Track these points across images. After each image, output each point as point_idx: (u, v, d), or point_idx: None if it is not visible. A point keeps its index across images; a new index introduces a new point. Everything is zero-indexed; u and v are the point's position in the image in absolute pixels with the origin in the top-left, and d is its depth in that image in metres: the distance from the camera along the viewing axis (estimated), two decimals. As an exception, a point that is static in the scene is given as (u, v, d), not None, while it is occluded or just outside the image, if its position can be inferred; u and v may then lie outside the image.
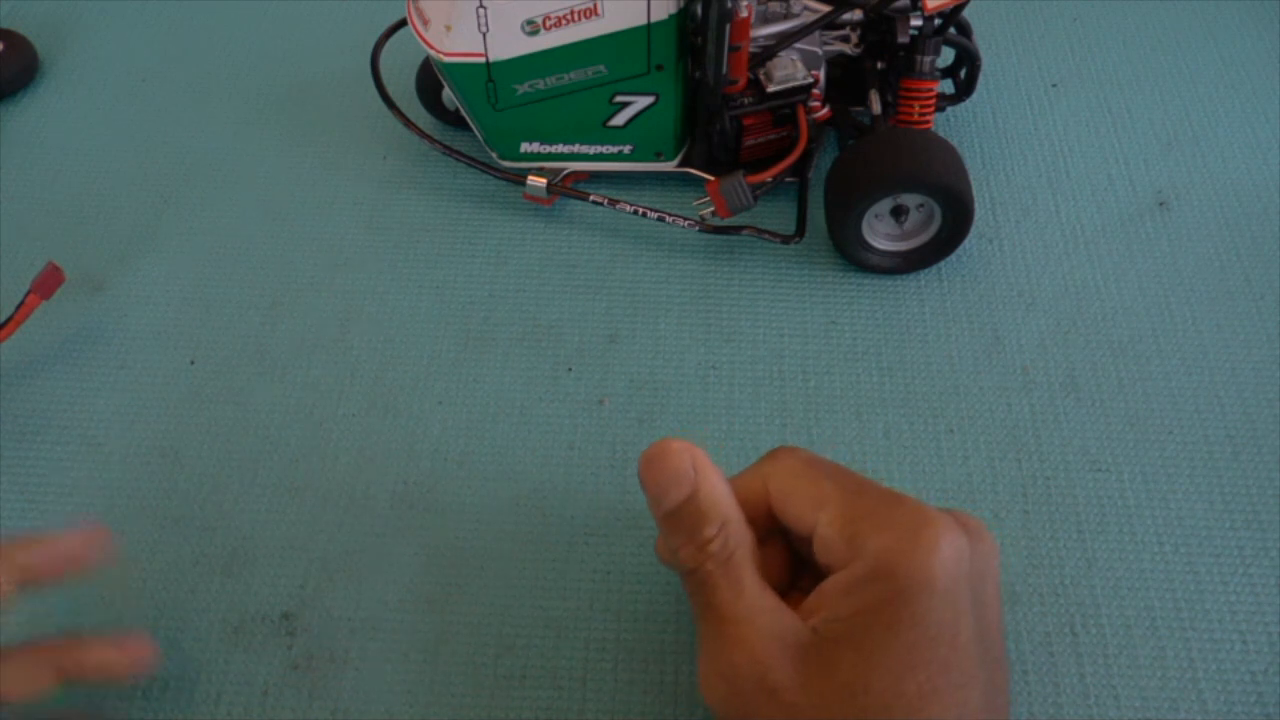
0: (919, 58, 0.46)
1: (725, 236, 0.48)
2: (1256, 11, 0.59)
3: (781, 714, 0.27)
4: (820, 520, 0.29)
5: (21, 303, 0.44)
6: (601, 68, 0.44)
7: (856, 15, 0.47)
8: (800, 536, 0.30)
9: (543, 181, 0.48)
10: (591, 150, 0.49)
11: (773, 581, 0.30)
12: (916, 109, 0.47)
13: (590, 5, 0.42)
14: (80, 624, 0.37)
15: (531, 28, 0.43)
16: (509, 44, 0.44)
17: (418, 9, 0.45)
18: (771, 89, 0.46)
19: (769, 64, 0.46)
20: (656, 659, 0.37)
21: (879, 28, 0.47)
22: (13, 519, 0.40)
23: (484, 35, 0.43)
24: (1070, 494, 0.40)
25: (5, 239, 0.50)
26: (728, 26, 0.42)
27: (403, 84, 0.52)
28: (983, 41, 0.54)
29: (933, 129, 0.48)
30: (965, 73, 0.51)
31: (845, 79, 0.50)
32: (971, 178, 0.44)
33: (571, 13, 0.42)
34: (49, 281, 0.44)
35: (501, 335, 0.46)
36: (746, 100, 0.47)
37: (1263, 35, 0.58)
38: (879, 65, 0.49)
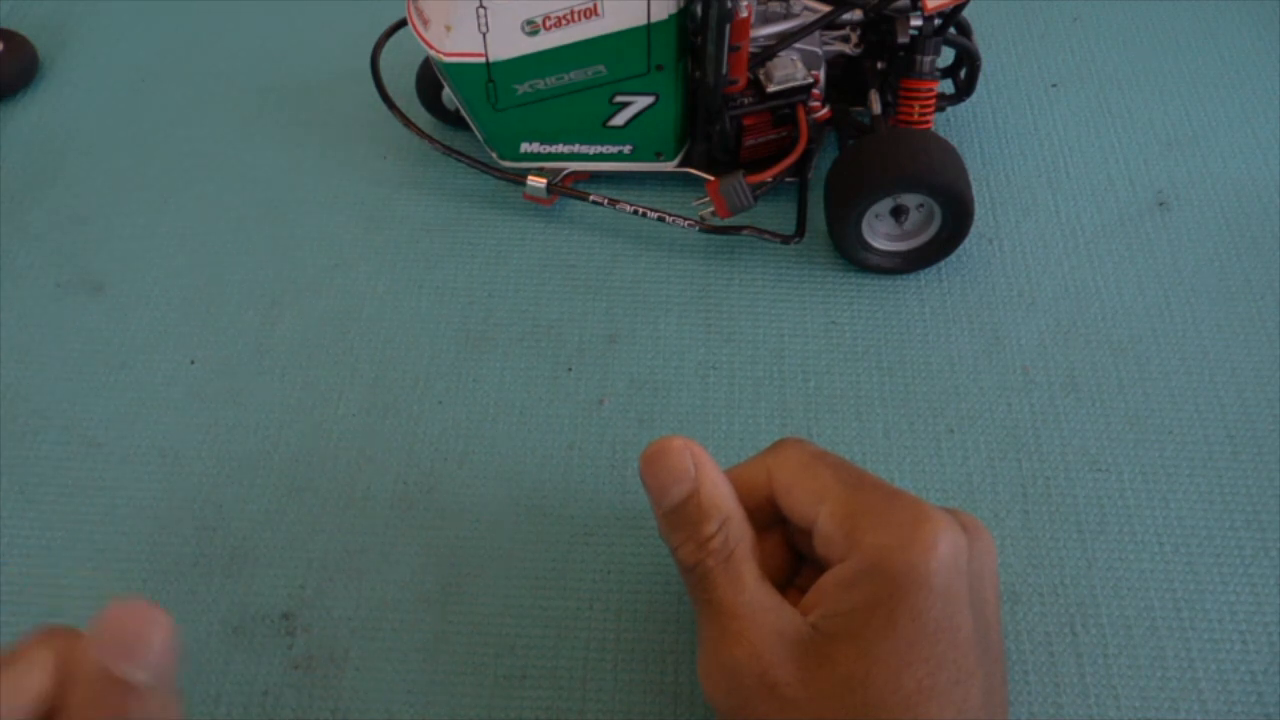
0: (919, 58, 0.46)
1: (725, 236, 0.48)
2: (1256, 11, 0.59)
3: (781, 709, 0.27)
4: (820, 514, 0.29)
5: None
6: (601, 68, 0.44)
7: (856, 15, 0.47)
8: (801, 529, 0.30)
9: (543, 181, 0.48)
10: (591, 150, 0.49)
11: (772, 576, 0.30)
12: (916, 109, 0.47)
13: (590, 5, 0.42)
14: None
15: (531, 28, 0.43)
16: (509, 44, 0.43)
17: (418, 9, 0.45)
18: (771, 89, 0.46)
19: (769, 64, 0.46)
20: (656, 659, 0.37)
21: (879, 28, 0.47)
22: (13, 519, 0.40)
23: (484, 35, 0.43)
24: (1070, 494, 0.40)
25: (5, 239, 0.50)
26: (728, 26, 0.42)
27: (403, 84, 0.52)
28: (983, 41, 0.54)
29: (933, 129, 0.48)
30: (965, 73, 0.51)
31: (845, 79, 0.50)
32: (971, 178, 0.44)
33: (571, 13, 0.42)
34: None
35: (501, 335, 0.46)
36: (746, 100, 0.47)
37: (1263, 35, 0.58)
38: (879, 65, 0.49)
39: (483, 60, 0.44)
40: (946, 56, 0.51)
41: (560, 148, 0.49)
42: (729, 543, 0.30)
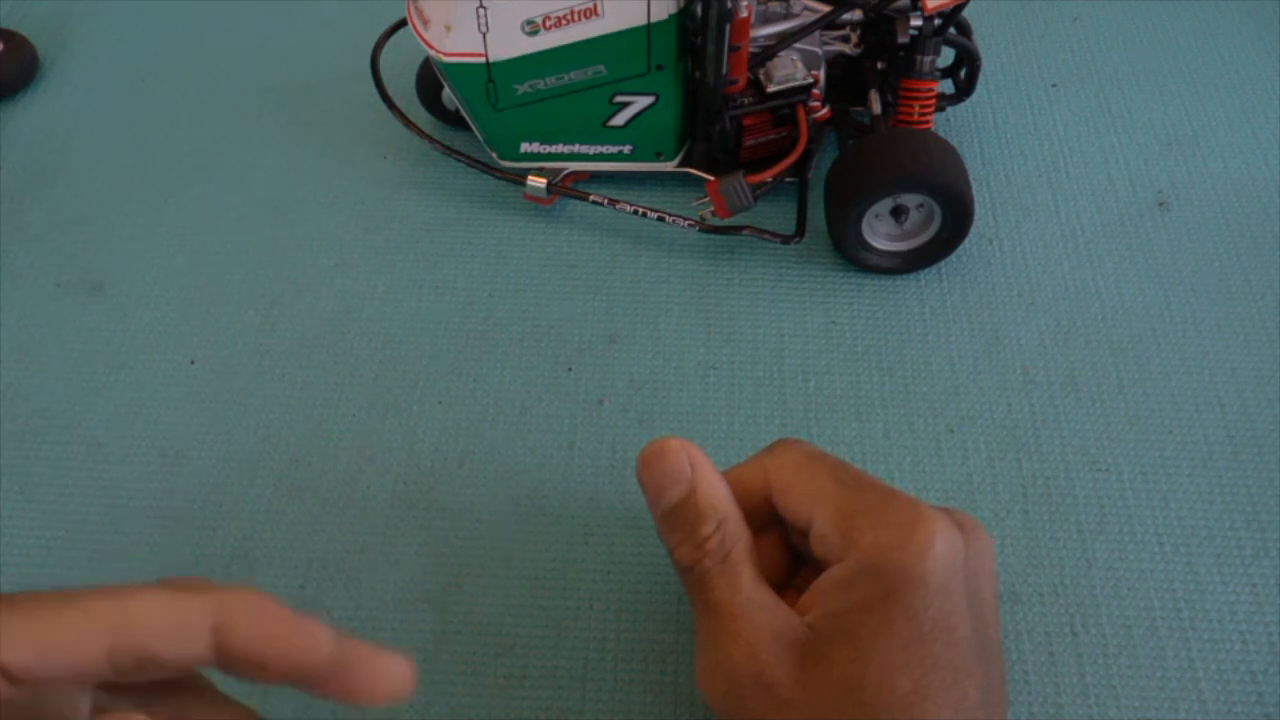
0: (919, 58, 0.46)
1: (725, 236, 0.48)
2: (1256, 11, 0.59)
3: (778, 709, 0.27)
4: (817, 515, 0.29)
5: None
6: (601, 68, 0.44)
7: (856, 15, 0.47)
8: (798, 530, 0.30)
9: (543, 181, 0.48)
10: (591, 150, 0.49)
11: (770, 577, 0.30)
12: (916, 109, 0.47)
13: (590, 5, 0.42)
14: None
15: (531, 28, 0.43)
16: (509, 44, 0.44)
17: (418, 9, 0.45)
18: (771, 89, 0.46)
19: (769, 64, 0.46)
20: (656, 659, 0.37)
21: (879, 28, 0.47)
22: (13, 519, 0.40)
23: (484, 35, 0.43)
24: (1070, 494, 0.40)
25: (5, 239, 0.50)
26: (728, 26, 0.42)
27: (403, 84, 0.52)
28: (983, 41, 0.54)
29: (933, 129, 0.48)
30: (965, 73, 0.51)
31: (845, 79, 0.50)
32: (971, 178, 0.44)
33: (571, 13, 0.42)
34: None
35: (501, 335, 0.46)
36: (746, 100, 0.47)
37: (1263, 35, 0.58)
38: (879, 65, 0.49)
39: (483, 60, 0.44)
40: (946, 56, 0.51)
41: (560, 148, 0.49)
42: (726, 543, 0.30)
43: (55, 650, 0.22)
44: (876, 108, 0.48)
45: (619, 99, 0.46)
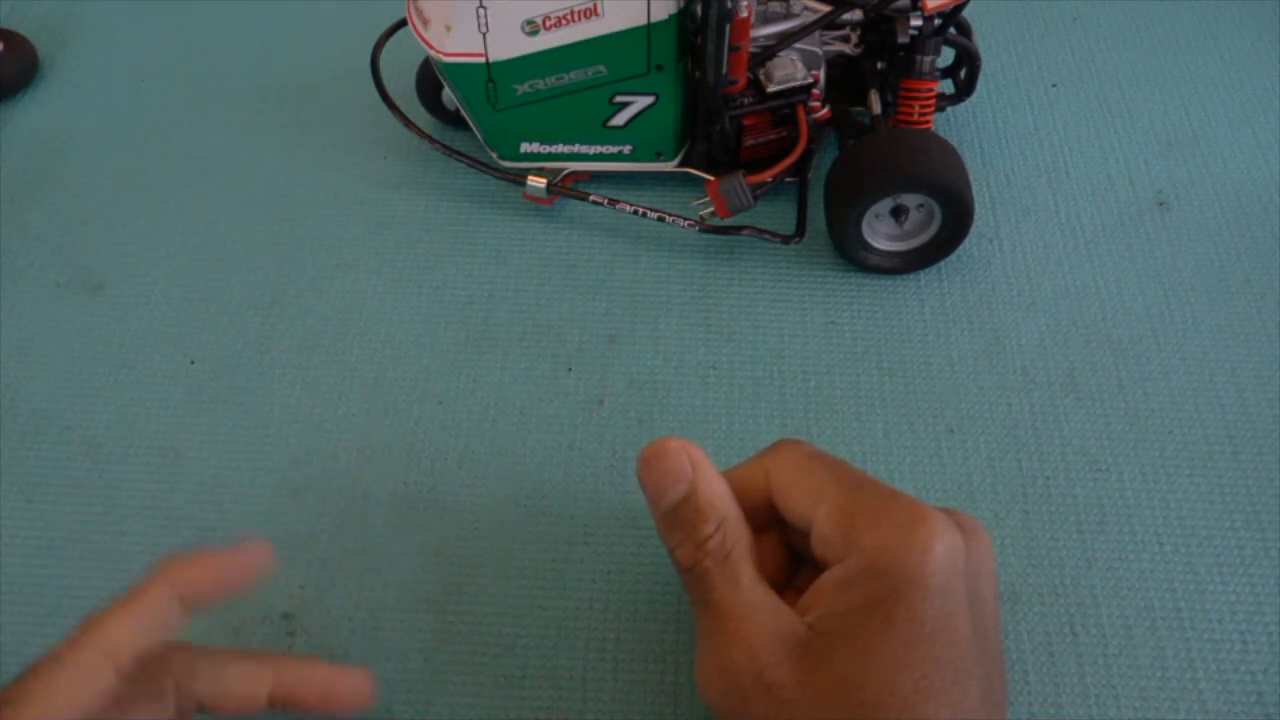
0: (919, 58, 0.46)
1: (725, 236, 0.48)
2: (1256, 11, 0.59)
3: (778, 710, 0.27)
4: (818, 515, 0.29)
5: None
6: (601, 68, 0.44)
7: (856, 15, 0.47)
8: (799, 530, 0.30)
9: (543, 181, 0.48)
10: (591, 150, 0.49)
11: (770, 577, 0.30)
12: (916, 109, 0.47)
13: (590, 5, 0.42)
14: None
15: (531, 28, 0.43)
16: (509, 44, 0.44)
17: (418, 9, 0.45)
18: (771, 89, 0.46)
19: (769, 64, 0.46)
20: (656, 659, 0.37)
21: (879, 28, 0.47)
22: (13, 519, 0.40)
23: (484, 35, 0.43)
24: (1070, 494, 0.40)
25: (5, 239, 0.50)
26: (728, 26, 0.42)
27: (403, 84, 0.52)
28: (983, 41, 0.54)
29: (933, 129, 0.48)
30: (965, 73, 0.51)
31: (845, 79, 0.50)
32: (971, 178, 0.44)
33: (571, 13, 0.42)
34: None
35: (501, 335, 0.46)
36: (746, 100, 0.47)
37: (1263, 35, 0.58)
38: (879, 65, 0.49)
39: (483, 60, 0.44)
40: (946, 56, 0.51)
41: (560, 148, 0.49)
42: (726, 543, 0.30)
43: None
44: (876, 108, 0.48)
45: (619, 99, 0.46)
